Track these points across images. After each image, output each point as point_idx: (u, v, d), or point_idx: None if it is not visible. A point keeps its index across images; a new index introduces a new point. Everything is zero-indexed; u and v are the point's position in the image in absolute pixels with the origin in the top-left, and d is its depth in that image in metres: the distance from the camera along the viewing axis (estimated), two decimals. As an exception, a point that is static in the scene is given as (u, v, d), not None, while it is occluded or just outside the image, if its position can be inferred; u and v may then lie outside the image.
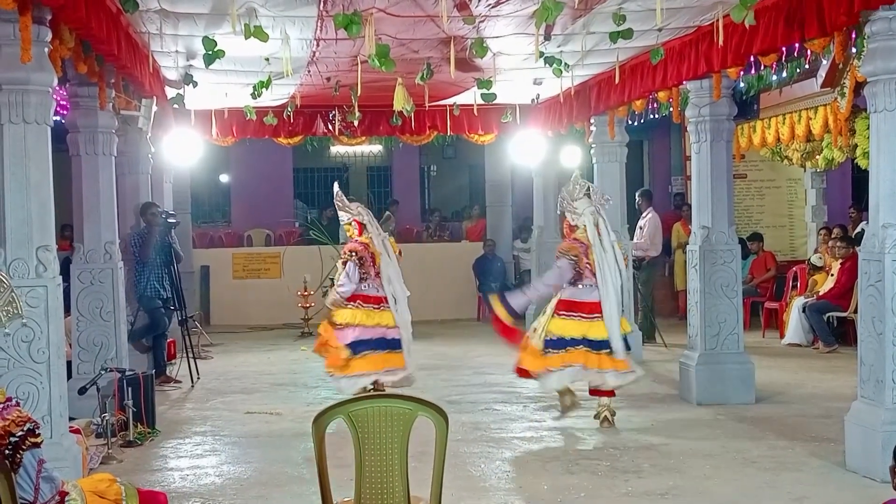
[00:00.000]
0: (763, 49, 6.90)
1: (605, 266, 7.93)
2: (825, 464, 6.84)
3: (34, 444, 3.80)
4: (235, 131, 12.74)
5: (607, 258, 7.96)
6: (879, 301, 6.30)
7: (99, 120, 8.38)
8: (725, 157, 9.07)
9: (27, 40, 5.52)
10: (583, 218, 8.07)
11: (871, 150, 6.57)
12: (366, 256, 8.64)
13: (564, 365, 7.92)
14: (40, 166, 6.09)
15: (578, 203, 8.12)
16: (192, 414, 9.04)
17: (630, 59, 9.00)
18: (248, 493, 6.47)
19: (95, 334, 8.42)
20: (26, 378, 5.96)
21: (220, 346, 13.22)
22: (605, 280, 7.91)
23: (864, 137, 10.51)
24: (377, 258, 8.69)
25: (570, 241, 8.14)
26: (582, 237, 8.07)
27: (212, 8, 6.82)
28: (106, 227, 8.55)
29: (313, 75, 9.51)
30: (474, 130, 13.42)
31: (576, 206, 8.13)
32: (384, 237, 8.90)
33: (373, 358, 8.57)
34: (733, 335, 8.99)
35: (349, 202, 8.93)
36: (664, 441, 7.62)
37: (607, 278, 7.91)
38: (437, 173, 21.15)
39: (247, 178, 18.48)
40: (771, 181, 16.52)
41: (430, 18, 7.12)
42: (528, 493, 6.36)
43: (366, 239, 8.74)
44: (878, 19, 6.12)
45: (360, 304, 8.64)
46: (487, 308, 9.39)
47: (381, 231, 8.93)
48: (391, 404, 4.19)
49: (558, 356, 7.94)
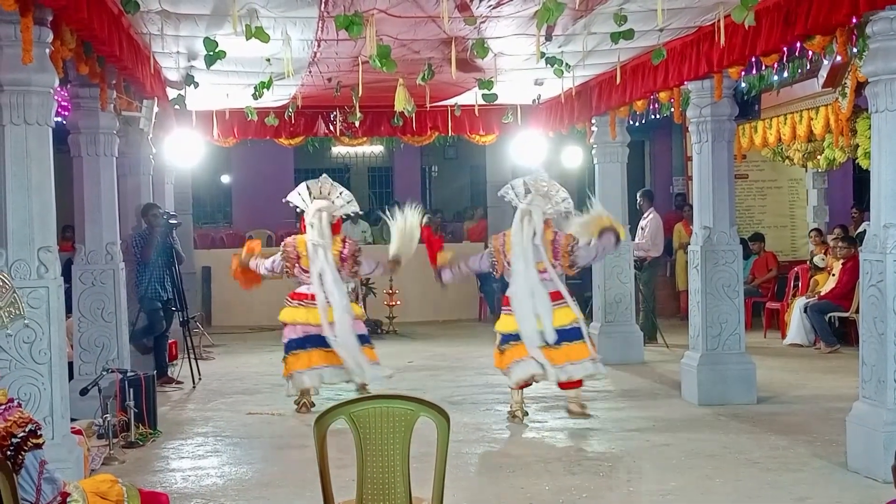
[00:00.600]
0: (764, 49, 6.90)
1: (519, 263, 8.24)
2: (827, 464, 6.84)
3: (36, 446, 3.79)
4: (236, 132, 12.74)
5: (523, 255, 8.23)
6: (881, 301, 6.29)
7: (100, 121, 8.39)
8: (727, 158, 9.07)
9: (28, 41, 5.52)
10: (516, 206, 8.46)
11: (872, 150, 6.56)
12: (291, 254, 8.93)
13: (517, 360, 8.25)
14: (42, 167, 6.09)
15: (518, 191, 8.49)
16: (194, 415, 9.04)
17: (631, 59, 9.00)
18: (249, 493, 6.47)
19: (97, 335, 8.43)
20: (28, 379, 5.96)
21: (222, 347, 13.23)
22: (515, 277, 8.28)
23: (866, 137, 10.51)
24: (303, 259, 8.87)
25: (497, 236, 8.66)
26: (508, 234, 8.47)
27: (213, 9, 6.82)
28: (107, 228, 8.55)
29: (314, 76, 9.51)
30: (475, 131, 13.41)
31: (516, 195, 8.50)
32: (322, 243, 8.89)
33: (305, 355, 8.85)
34: (735, 335, 8.99)
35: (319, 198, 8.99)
36: (666, 441, 7.62)
37: (519, 274, 8.24)
38: (439, 174, 21.17)
39: (248, 178, 18.49)
40: (772, 181, 16.52)
41: (432, 19, 7.12)
42: (529, 493, 6.35)
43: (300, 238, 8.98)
44: (879, 19, 6.12)
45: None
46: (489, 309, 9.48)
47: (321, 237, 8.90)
48: (392, 405, 4.19)
49: (511, 350, 8.31)
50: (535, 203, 8.36)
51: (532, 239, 8.27)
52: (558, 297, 8.33)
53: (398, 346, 13.15)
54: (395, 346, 13.13)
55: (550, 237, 8.39)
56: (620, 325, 11.47)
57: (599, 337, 11.35)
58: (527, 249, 8.25)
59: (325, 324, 8.72)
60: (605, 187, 11.47)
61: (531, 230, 8.28)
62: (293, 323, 8.93)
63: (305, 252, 8.88)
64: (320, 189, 9.05)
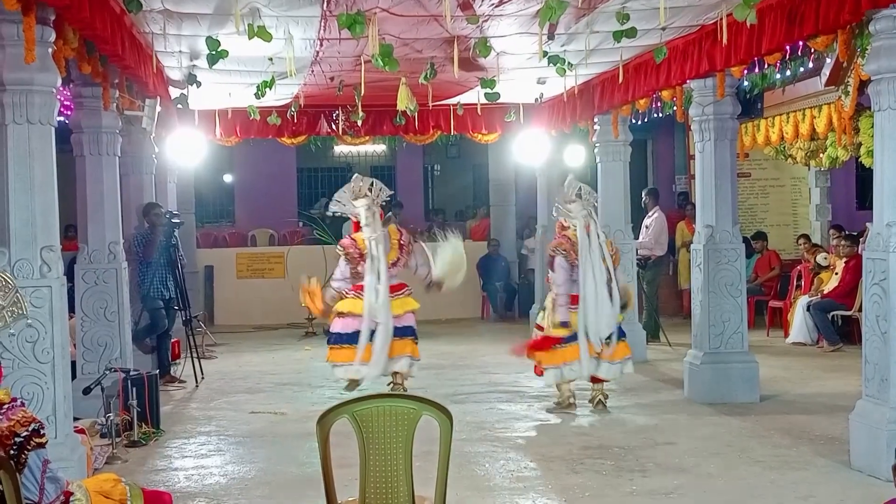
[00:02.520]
0: (767, 48, 6.90)
1: (588, 263, 8.39)
2: (830, 462, 6.83)
3: (39, 445, 3.80)
4: (239, 131, 12.75)
5: (592, 256, 8.40)
6: (884, 300, 6.29)
7: (103, 120, 8.39)
8: (729, 156, 9.06)
9: (31, 41, 5.53)
10: (574, 220, 8.53)
11: (875, 148, 6.55)
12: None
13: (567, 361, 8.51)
14: (44, 167, 6.09)
15: (572, 206, 8.56)
16: (197, 414, 9.05)
17: (634, 58, 8.99)
18: (252, 492, 6.47)
19: (100, 334, 8.43)
20: (31, 378, 5.97)
21: (225, 346, 13.23)
22: (585, 276, 8.39)
23: (868, 136, 10.50)
24: (365, 255, 9.07)
25: (559, 238, 8.67)
26: (572, 235, 8.53)
27: (215, 8, 6.83)
28: (110, 227, 8.55)
29: (317, 75, 9.51)
30: (478, 130, 13.41)
31: (570, 209, 8.57)
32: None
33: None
34: (737, 334, 8.99)
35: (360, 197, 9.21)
36: (669, 440, 7.62)
37: (587, 275, 8.38)
38: (441, 173, 21.15)
39: (251, 177, 18.48)
40: (775, 180, 16.52)
41: (434, 18, 7.12)
42: (532, 492, 6.35)
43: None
44: (882, 17, 6.11)
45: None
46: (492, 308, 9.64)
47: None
48: (395, 404, 4.19)
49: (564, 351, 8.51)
50: (590, 209, 8.63)
51: (599, 240, 8.53)
52: None
53: (401, 345, 13.14)
54: (398, 345, 13.13)
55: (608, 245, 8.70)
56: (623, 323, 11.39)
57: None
58: (595, 251, 8.45)
59: (368, 313, 8.94)
60: (607, 186, 11.46)
61: (600, 236, 8.59)
62: (350, 314, 9.11)
63: (366, 248, 9.07)
64: (360, 188, 9.27)
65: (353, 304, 9.12)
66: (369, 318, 8.97)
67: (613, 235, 11.12)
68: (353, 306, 9.11)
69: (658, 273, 13.12)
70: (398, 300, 9.15)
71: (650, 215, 13.06)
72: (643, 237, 12.83)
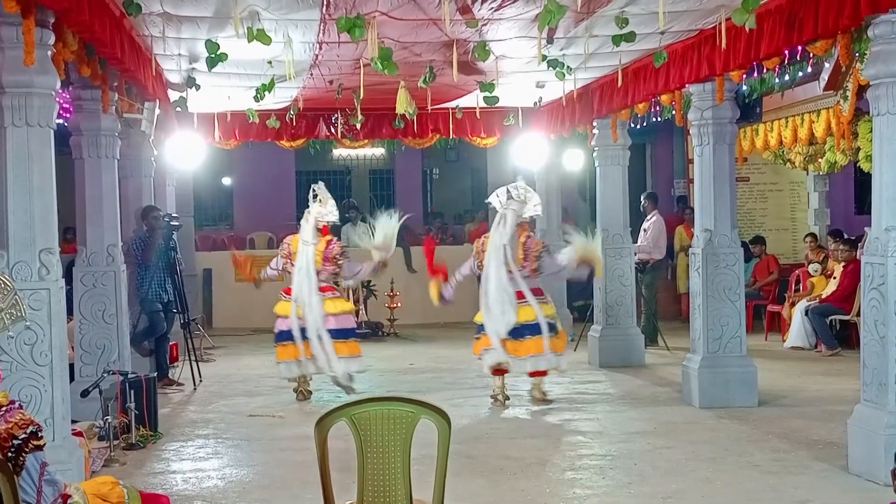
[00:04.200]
0: (766, 52, 6.90)
1: (491, 262, 8.97)
2: (828, 467, 6.83)
3: (37, 447, 3.80)
4: (238, 134, 12.74)
5: (496, 255, 8.96)
6: (882, 304, 6.29)
7: (102, 123, 8.39)
8: (728, 160, 9.07)
9: (30, 43, 5.53)
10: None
11: (873, 153, 6.56)
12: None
13: (485, 348, 9.11)
14: (43, 169, 6.09)
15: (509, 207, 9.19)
16: (195, 417, 9.04)
17: (633, 62, 9.00)
18: (250, 496, 6.47)
19: (98, 337, 8.43)
20: (29, 381, 5.96)
21: (223, 349, 13.23)
22: (486, 274, 9.02)
23: (867, 140, 10.51)
24: (293, 256, 9.45)
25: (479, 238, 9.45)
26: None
27: (215, 11, 6.83)
28: (108, 230, 8.55)
29: (316, 78, 9.51)
30: (477, 133, 13.41)
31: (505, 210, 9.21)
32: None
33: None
34: (736, 338, 8.98)
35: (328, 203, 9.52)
36: (667, 444, 7.61)
37: (490, 274, 8.97)
38: (440, 176, 21.15)
39: (249, 181, 18.49)
40: (773, 184, 16.52)
41: (433, 22, 7.12)
42: (530, 496, 6.35)
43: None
44: (881, 22, 6.12)
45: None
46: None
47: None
48: (393, 407, 4.19)
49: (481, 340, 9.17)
50: (511, 207, 9.15)
51: (504, 240, 8.97)
52: (521, 296, 8.98)
53: (399, 349, 13.16)
54: (396, 349, 13.14)
55: (523, 239, 9.12)
56: (621, 327, 11.46)
57: (600, 339, 11.37)
58: (499, 250, 8.97)
59: (294, 317, 9.27)
60: (606, 190, 11.47)
61: (506, 232, 9.01)
62: (282, 315, 9.49)
63: (296, 250, 9.44)
64: (321, 197, 9.56)
65: (283, 306, 9.47)
66: (297, 318, 9.27)
67: (612, 239, 11.18)
68: (282, 309, 9.47)
69: (656, 277, 13.12)
70: (330, 300, 9.36)
71: (649, 219, 13.06)
72: (642, 241, 12.82)
